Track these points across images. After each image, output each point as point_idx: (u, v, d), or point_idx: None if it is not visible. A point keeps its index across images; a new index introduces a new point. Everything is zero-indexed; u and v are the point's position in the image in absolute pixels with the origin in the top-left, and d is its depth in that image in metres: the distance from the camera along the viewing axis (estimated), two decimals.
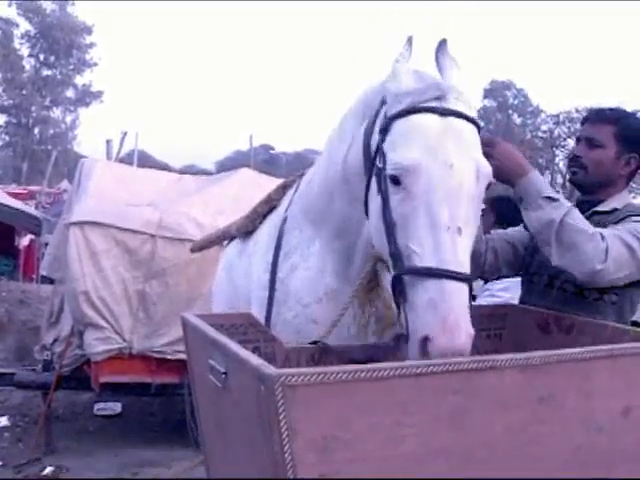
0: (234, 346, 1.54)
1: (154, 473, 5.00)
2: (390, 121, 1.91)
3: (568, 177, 2.75)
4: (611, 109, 2.74)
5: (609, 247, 2.22)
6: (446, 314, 1.69)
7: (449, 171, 1.80)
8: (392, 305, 2.14)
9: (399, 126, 1.88)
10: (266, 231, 2.87)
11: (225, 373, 1.58)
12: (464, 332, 1.71)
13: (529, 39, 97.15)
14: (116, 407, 6.21)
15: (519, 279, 2.80)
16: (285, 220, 2.67)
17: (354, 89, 2.39)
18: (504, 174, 2.26)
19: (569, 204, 2.32)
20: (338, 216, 2.35)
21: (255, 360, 1.40)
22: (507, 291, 3.74)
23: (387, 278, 2.25)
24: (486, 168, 1.89)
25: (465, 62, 2.07)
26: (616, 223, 2.45)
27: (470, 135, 1.90)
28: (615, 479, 1.79)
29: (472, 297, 1.87)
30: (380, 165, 1.90)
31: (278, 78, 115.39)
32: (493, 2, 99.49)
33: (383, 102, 2.02)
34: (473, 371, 1.51)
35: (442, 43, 2.08)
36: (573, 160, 2.70)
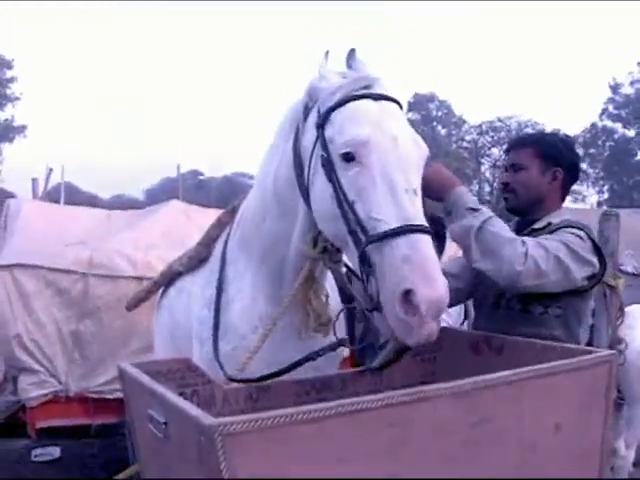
0: (172, 396, 1.55)
1: None
2: (328, 113, 2.05)
3: (503, 205, 2.87)
4: (529, 134, 2.91)
5: (529, 251, 2.33)
6: (423, 264, 1.76)
7: (395, 142, 1.97)
8: (327, 303, 2.37)
9: (339, 114, 2.03)
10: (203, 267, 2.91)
11: (165, 423, 1.59)
12: (442, 281, 1.77)
13: (449, 51, 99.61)
14: (54, 451, 6.00)
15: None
16: (224, 255, 2.71)
17: (280, 110, 2.47)
18: (434, 191, 2.36)
19: (491, 213, 2.43)
20: (267, 234, 2.43)
21: (193, 410, 1.41)
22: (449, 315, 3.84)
23: (325, 275, 2.42)
24: (422, 141, 2.08)
25: (387, 77, 2.20)
26: (549, 234, 2.56)
27: (402, 115, 2.11)
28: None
29: None
30: (325, 154, 2.01)
31: (204, 102, 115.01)
32: (410, 20, 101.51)
33: (307, 109, 2.18)
34: (407, 403, 1.56)
35: (351, 52, 2.26)
36: (502, 188, 2.84)
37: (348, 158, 1.95)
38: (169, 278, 3.40)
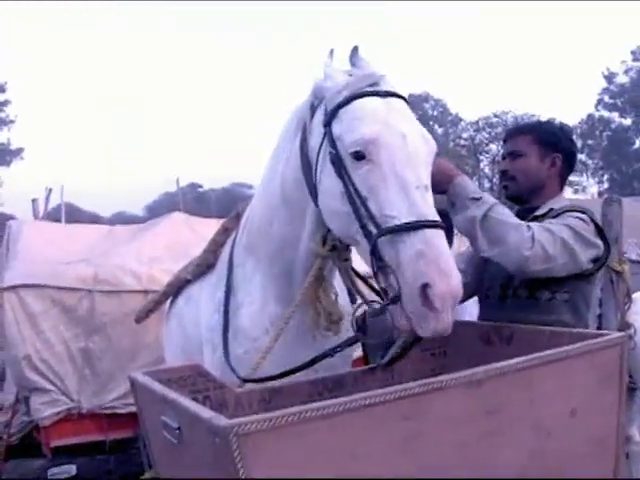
0: (184, 401, 1.55)
1: None
2: (335, 111, 2.06)
3: (503, 193, 2.88)
4: (526, 122, 2.91)
5: (535, 236, 2.34)
6: (438, 260, 1.78)
7: (404, 139, 1.98)
8: (337, 301, 2.38)
9: (347, 112, 2.04)
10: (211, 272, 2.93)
11: (179, 428, 1.59)
12: (456, 275, 1.79)
13: (445, 50, 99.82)
14: (71, 469, 5.99)
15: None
16: (231, 259, 2.72)
17: (276, 118, 2.48)
18: (438, 184, 2.36)
19: (494, 200, 2.44)
20: (276, 238, 2.44)
21: (206, 413, 1.41)
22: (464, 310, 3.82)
23: (334, 274, 2.42)
24: (430, 137, 2.08)
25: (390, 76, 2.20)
26: (552, 219, 2.56)
27: (408, 110, 2.12)
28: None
29: None
30: (333, 151, 2.02)
31: (199, 116, 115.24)
32: (399, 21, 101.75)
33: (313, 108, 2.19)
34: (420, 395, 1.56)
35: (354, 49, 2.26)
36: (502, 176, 2.86)
37: (358, 156, 1.95)
38: (177, 287, 3.41)
